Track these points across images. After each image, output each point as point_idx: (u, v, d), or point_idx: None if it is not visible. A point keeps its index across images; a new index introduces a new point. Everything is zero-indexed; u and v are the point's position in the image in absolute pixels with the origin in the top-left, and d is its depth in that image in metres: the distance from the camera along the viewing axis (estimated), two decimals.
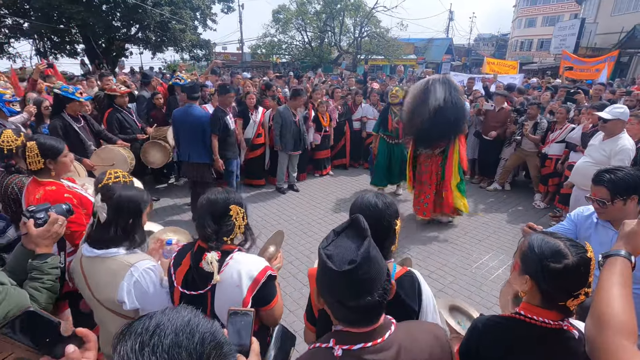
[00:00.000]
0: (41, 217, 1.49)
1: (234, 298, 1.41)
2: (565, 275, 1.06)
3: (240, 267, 1.44)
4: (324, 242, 1.01)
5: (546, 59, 27.31)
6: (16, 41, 18.42)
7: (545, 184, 5.67)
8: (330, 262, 0.92)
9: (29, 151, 1.95)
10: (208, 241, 1.44)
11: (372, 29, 26.07)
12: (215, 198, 1.49)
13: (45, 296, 1.43)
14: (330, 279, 0.94)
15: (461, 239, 4.66)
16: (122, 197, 1.50)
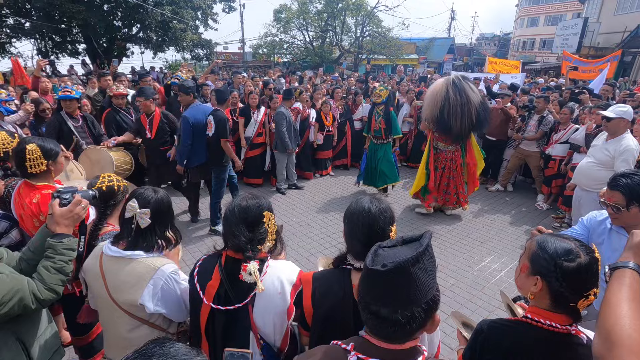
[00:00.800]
0: (66, 197, 1.52)
1: (277, 306, 1.38)
2: (578, 274, 1.06)
3: (279, 274, 1.41)
4: (387, 241, 0.97)
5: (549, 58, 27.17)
6: (18, 41, 18.45)
7: (548, 185, 5.60)
8: (370, 258, 0.89)
9: (30, 154, 1.90)
10: (243, 251, 1.36)
11: (373, 29, 25.95)
12: (247, 205, 1.40)
13: (53, 277, 1.44)
14: (364, 277, 0.90)
15: (463, 241, 4.60)
16: (160, 202, 1.54)
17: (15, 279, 1.36)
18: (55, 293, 1.44)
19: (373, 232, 1.28)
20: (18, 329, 1.44)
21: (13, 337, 1.42)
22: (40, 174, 1.99)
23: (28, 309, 1.37)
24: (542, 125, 5.51)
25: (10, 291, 1.30)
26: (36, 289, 1.39)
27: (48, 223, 1.54)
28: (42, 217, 1.95)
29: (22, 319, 1.44)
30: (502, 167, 6.37)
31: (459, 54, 37.34)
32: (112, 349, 1.64)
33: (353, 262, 1.36)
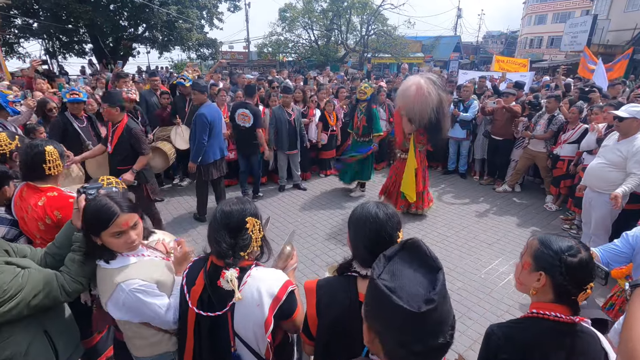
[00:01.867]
0: (92, 193, 1.57)
1: (255, 318, 1.35)
2: (580, 269, 1.15)
3: (259, 285, 1.36)
4: (376, 270, 0.84)
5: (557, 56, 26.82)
6: (26, 41, 18.64)
7: (557, 186, 5.50)
8: (398, 298, 0.76)
9: (49, 156, 1.97)
10: (224, 257, 1.34)
11: (379, 27, 25.85)
12: (230, 210, 1.38)
13: (79, 269, 1.49)
14: (397, 319, 0.76)
15: (470, 243, 4.53)
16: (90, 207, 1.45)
17: (43, 272, 1.44)
18: (81, 285, 1.51)
19: (380, 239, 1.25)
20: (46, 323, 1.51)
21: (41, 330, 1.49)
22: (50, 176, 2.01)
23: (57, 300, 1.45)
24: (551, 125, 5.41)
25: (39, 283, 1.39)
26: (64, 281, 1.46)
27: (74, 219, 1.60)
28: (49, 220, 1.94)
29: (50, 313, 1.52)
30: (510, 168, 6.27)
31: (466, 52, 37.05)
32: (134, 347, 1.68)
33: (359, 269, 1.32)
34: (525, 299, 3.44)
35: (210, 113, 4.45)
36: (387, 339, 0.81)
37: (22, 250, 1.60)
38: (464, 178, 6.91)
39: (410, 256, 0.86)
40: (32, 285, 1.36)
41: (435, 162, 7.44)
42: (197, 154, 4.45)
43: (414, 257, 0.86)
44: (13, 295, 1.30)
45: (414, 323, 0.75)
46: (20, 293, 1.32)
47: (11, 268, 1.36)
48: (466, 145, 6.74)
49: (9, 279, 1.31)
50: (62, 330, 1.58)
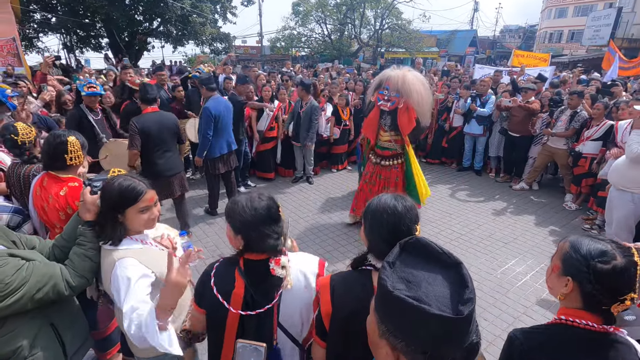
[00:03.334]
0: (97, 185, 1.55)
1: (305, 300, 1.38)
2: (613, 277, 1.02)
3: (301, 268, 1.41)
4: (388, 282, 0.72)
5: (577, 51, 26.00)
6: (44, 36, 19.03)
7: (577, 184, 5.32)
8: (429, 307, 0.65)
9: (71, 146, 1.97)
10: (276, 248, 1.32)
11: (393, 21, 25.47)
12: (267, 204, 1.35)
13: (84, 264, 1.47)
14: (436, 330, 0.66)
15: (485, 242, 4.41)
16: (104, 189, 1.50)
17: (48, 266, 1.41)
18: (86, 279, 1.49)
19: (399, 231, 1.20)
20: (52, 316, 1.49)
21: (48, 323, 1.47)
22: (70, 166, 2.02)
23: (62, 295, 1.42)
24: (573, 122, 5.21)
25: (44, 277, 1.36)
26: (69, 275, 1.44)
27: (80, 211, 1.57)
28: (70, 210, 1.95)
29: (57, 306, 1.50)
30: (528, 165, 6.09)
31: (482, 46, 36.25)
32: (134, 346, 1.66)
33: (375, 262, 1.28)
34: (544, 301, 3.33)
35: (216, 107, 4.38)
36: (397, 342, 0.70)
37: (30, 242, 1.59)
38: (480, 175, 6.75)
39: (416, 256, 0.77)
40: (36, 279, 1.33)
41: (450, 159, 7.29)
42: (202, 149, 4.39)
43: (420, 257, 0.77)
44: (16, 288, 1.28)
45: (450, 329, 0.65)
46: (23, 286, 1.30)
47: (15, 260, 1.33)
48: (482, 141, 6.56)
49: (11, 272, 1.28)
50: (69, 323, 1.56)
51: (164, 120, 3.90)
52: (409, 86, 3.78)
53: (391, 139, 4.12)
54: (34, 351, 1.39)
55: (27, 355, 1.37)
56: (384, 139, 4.16)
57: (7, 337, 1.32)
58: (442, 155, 7.33)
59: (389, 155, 4.20)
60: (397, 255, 0.78)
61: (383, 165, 4.23)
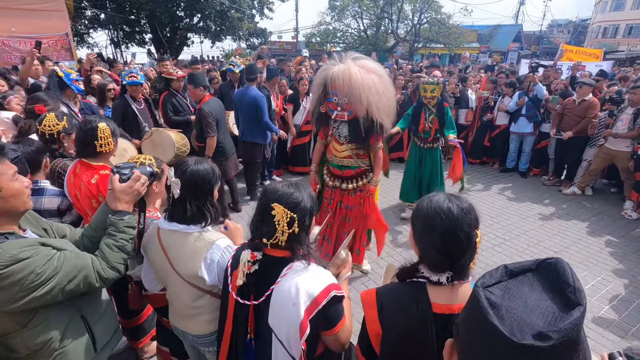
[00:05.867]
0: (126, 173, 1.51)
1: (290, 317, 1.21)
2: None
3: (298, 281, 1.23)
4: (487, 278, 0.65)
5: (637, 46, 23.91)
6: (94, 31, 20.13)
7: (639, 191, 4.82)
8: (497, 318, 0.55)
9: (101, 132, 1.96)
10: (252, 237, 1.30)
11: (432, 15, 24.63)
12: (265, 190, 1.32)
13: (116, 255, 1.44)
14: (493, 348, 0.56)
15: (532, 249, 4.09)
16: (194, 173, 1.48)
17: (79, 256, 1.36)
18: (117, 272, 1.44)
19: (456, 238, 1.03)
20: (83, 308, 1.45)
21: (78, 315, 1.43)
22: (102, 153, 2.00)
23: (92, 287, 1.37)
24: (638, 120, 4.69)
25: (75, 268, 1.31)
26: (100, 266, 1.39)
27: (108, 200, 1.53)
28: (102, 198, 1.96)
29: (87, 297, 1.46)
30: (581, 168, 5.60)
31: (527, 42, 34.33)
32: (177, 318, 1.68)
33: (428, 274, 1.10)
34: (601, 319, 3.01)
35: (237, 95, 4.43)
36: None
37: (62, 230, 1.56)
38: (525, 177, 6.31)
39: (543, 280, 0.63)
40: (67, 270, 1.28)
41: (492, 159, 6.89)
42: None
43: (547, 281, 0.62)
44: (47, 279, 1.23)
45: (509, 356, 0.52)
46: (55, 277, 1.25)
47: (46, 249, 1.27)
48: (530, 141, 6.12)
49: (43, 262, 1.22)
50: (99, 316, 1.53)
51: (221, 104, 4.22)
52: (357, 90, 2.57)
53: (352, 154, 2.95)
54: (64, 343, 1.36)
55: (57, 347, 1.34)
56: (341, 155, 2.96)
57: (38, 328, 1.29)
58: (483, 155, 6.94)
59: (350, 176, 3.03)
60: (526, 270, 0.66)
61: (344, 189, 3.07)
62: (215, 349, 1.65)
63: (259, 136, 4.68)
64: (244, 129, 4.71)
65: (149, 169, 1.62)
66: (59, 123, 2.28)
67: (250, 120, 4.58)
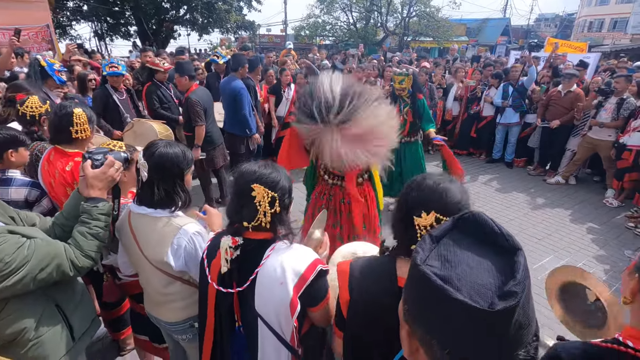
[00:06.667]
0: (98, 158, 1.46)
1: (279, 297, 1.20)
2: None
3: (283, 260, 1.21)
4: (420, 254, 0.60)
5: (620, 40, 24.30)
6: (77, 24, 19.58)
7: (620, 179, 4.91)
8: (456, 291, 0.52)
9: (77, 119, 1.90)
10: (231, 223, 1.26)
11: (421, 9, 24.60)
12: (242, 171, 1.26)
13: (90, 243, 1.40)
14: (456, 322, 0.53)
15: (517, 237, 4.10)
16: (162, 156, 1.42)
17: (51, 244, 1.32)
18: (92, 260, 1.40)
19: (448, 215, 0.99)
20: (57, 297, 1.41)
21: (52, 304, 1.39)
22: (78, 140, 1.94)
23: (66, 275, 1.33)
24: (622, 110, 4.77)
25: (47, 256, 1.27)
26: (73, 255, 1.35)
27: (80, 187, 1.48)
28: (76, 186, 1.89)
29: (61, 286, 1.42)
30: (565, 157, 5.69)
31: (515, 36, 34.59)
32: (151, 305, 1.66)
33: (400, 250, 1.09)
34: None
35: (221, 84, 4.38)
36: (437, 350, 0.56)
37: (30, 219, 1.51)
38: (511, 167, 6.40)
39: (469, 235, 0.61)
40: (39, 258, 1.24)
41: (479, 150, 6.95)
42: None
43: (473, 236, 0.61)
44: (17, 267, 1.19)
45: (479, 325, 0.51)
46: (25, 266, 1.21)
47: (15, 237, 1.23)
48: (516, 131, 6.19)
49: (11, 250, 1.18)
50: (75, 305, 1.49)
51: (208, 93, 4.20)
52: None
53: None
54: (39, 332, 1.33)
55: (32, 337, 1.31)
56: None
57: (10, 318, 1.25)
58: (470, 146, 7.00)
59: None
60: (447, 230, 0.64)
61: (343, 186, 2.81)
62: (190, 336, 1.64)
63: (237, 128, 4.58)
64: (226, 119, 4.68)
65: (123, 155, 1.57)
66: (42, 106, 2.25)
67: (230, 111, 4.54)
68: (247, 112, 4.48)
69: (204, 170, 4.37)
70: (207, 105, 4.03)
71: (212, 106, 4.27)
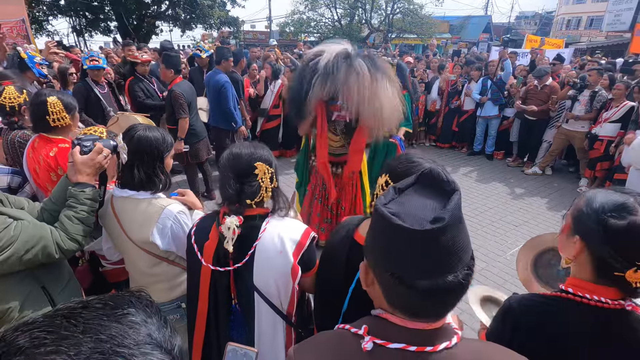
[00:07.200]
0: (87, 145, 1.48)
1: (279, 266, 1.27)
2: (628, 236, 0.83)
3: (280, 231, 1.28)
4: (381, 199, 0.70)
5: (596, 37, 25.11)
6: (54, 19, 19.01)
7: (592, 168, 5.14)
8: (400, 220, 0.63)
9: (52, 107, 1.88)
10: (230, 204, 1.27)
11: (405, 6, 24.83)
12: (239, 152, 1.29)
13: (77, 227, 1.42)
14: (397, 245, 0.64)
15: (496, 224, 4.31)
16: (142, 139, 1.46)
17: (38, 227, 1.34)
18: (77, 243, 1.42)
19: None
20: (43, 278, 1.43)
21: (38, 285, 1.41)
22: (59, 128, 1.94)
23: (52, 257, 1.35)
24: (594, 103, 4.98)
25: (33, 237, 1.29)
26: (59, 238, 1.37)
27: (69, 172, 1.50)
28: (61, 172, 1.91)
29: (48, 268, 1.44)
30: (541, 149, 5.91)
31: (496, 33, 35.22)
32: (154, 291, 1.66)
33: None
34: None
35: (206, 78, 4.43)
36: (384, 275, 0.67)
37: (19, 203, 1.52)
38: (491, 160, 6.59)
39: (426, 186, 0.72)
40: (25, 239, 1.26)
41: (460, 143, 7.12)
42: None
43: (429, 187, 0.72)
44: (4, 247, 1.21)
45: (414, 246, 0.62)
46: (11, 246, 1.23)
47: (1, 218, 1.25)
48: (495, 124, 6.37)
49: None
50: (62, 287, 1.50)
51: (192, 87, 4.24)
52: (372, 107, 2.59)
53: (344, 143, 3.12)
54: (24, 313, 1.34)
55: (17, 317, 1.33)
56: (336, 144, 3.13)
57: None
58: (452, 140, 7.16)
59: (343, 161, 3.17)
60: (410, 184, 0.74)
61: (338, 174, 3.22)
62: (177, 316, 1.67)
63: (222, 122, 4.59)
64: (211, 112, 4.68)
65: (112, 142, 1.58)
66: (19, 96, 2.21)
67: (215, 105, 4.54)
68: (232, 105, 4.49)
69: (189, 164, 4.36)
70: (191, 99, 4.04)
71: (196, 100, 4.28)
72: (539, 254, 1.67)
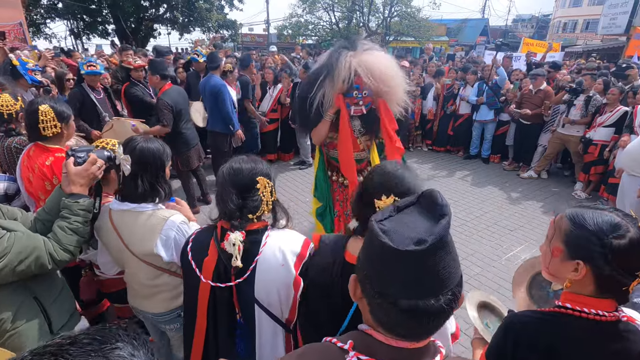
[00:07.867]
0: (81, 156, 1.49)
1: (281, 278, 1.27)
2: (631, 252, 0.87)
3: (280, 244, 1.29)
4: (378, 215, 0.73)
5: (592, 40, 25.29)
6: (52, 22, 19.03)
7: (587, 172, 5.17)
8: (387, 238, 0.66)
9: (43, 115, 1.87)
10: (231, 218, 1.25)
11: (402, 9, 24.97)
12: (240, 167, 1.28)
13: (70, 238, 1.42)
14: (382, 262, 0.67)
15: (491, 228, 4.32)
16: (144, 150, 1.49)
17: (31, 237, 1.35)
18: (70, 254, 1.43)
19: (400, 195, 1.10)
20: (36, 289, 1.43)
21: (31, 296, 1.41)
22: (53, 136, 1.95)
23: (44, 268, 1.36)
24: (589, 107, 5.02)
25: (26, 249, 1.30)
26: (52, 248, 1.37)
27: (62, 183, 1.50)
28: (56, 181, 1.91)
29: (41, 279, 1.44)
30: (537, 153, 5.94)
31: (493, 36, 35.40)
32: (138, 299, 1.68)
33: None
34: None
35: (201, 84, 4.43)
36: (369, 289, 0.70)
37: (12, 213, 1.52)
38: (487, 163, 6.61)
39: (424, 207, 0.74)
40: (18, 250, 1.27)
41: (456, 147, 7.14)
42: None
43: (426, 207, 0.74)
44: None
45: (397, 265, 0.64)
46: (4, 257, 1.23)
47: None
48: (491, 128, 6.39)
49: None
50: (54, 298, 1.50)
51: (183, 93, 4.23)
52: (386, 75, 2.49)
53: (364, 147, 2.86)
54: (17, 324, 1.34)
55: (9, 328, 1.33)
56: (358, 149, 2.85)
57: None
58: (447, 143, 7.18)
59: (363, 168, 2.93)
60: (410, 203, 0.76)
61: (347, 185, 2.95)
62: (177, 325, 1.68)
63: (220, 125, 4.59)
64: (209, 117, 4.70)
65: (106, 153, 1.59)
66: (15, 103, 2.22)
67: (212, 109, 4.55)
68: (229, 108, 4.51)
69: (182, 171, 4.37)
70: (182, 107, 4.02)
71: (187, 106, 4.29)
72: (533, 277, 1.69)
